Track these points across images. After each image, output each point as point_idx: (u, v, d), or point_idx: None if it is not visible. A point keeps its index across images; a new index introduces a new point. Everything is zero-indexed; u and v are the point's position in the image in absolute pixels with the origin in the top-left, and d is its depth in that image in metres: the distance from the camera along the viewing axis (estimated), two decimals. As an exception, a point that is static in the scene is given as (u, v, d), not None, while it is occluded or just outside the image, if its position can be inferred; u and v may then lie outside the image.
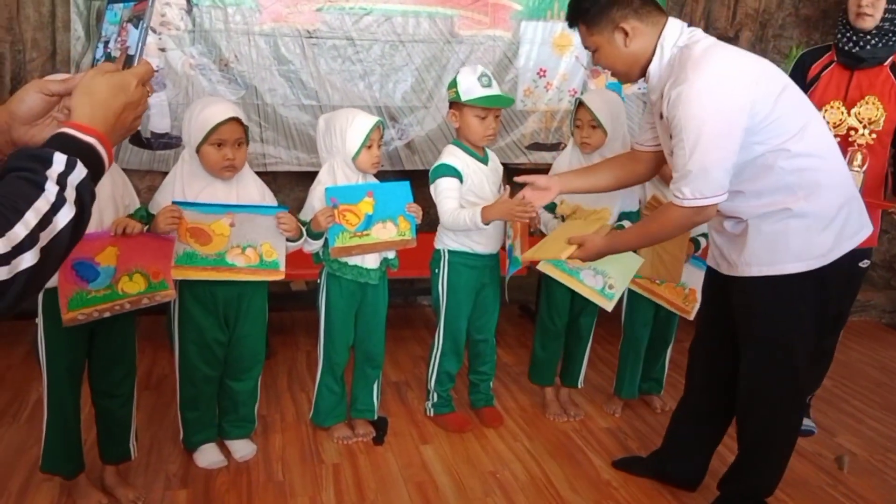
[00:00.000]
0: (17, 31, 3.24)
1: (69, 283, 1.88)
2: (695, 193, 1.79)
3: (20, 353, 3.10)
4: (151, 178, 3.25)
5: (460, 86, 2.38)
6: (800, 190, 1.82)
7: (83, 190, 0.87)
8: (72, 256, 1.84)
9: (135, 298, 2.00)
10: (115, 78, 0.98)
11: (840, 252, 1.88)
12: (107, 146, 0.93)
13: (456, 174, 2.43)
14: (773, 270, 1.88)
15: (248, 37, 3.28)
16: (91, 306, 1.93)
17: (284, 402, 2.82)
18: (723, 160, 1.76)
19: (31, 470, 2.23)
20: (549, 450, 2.56)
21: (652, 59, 1.87)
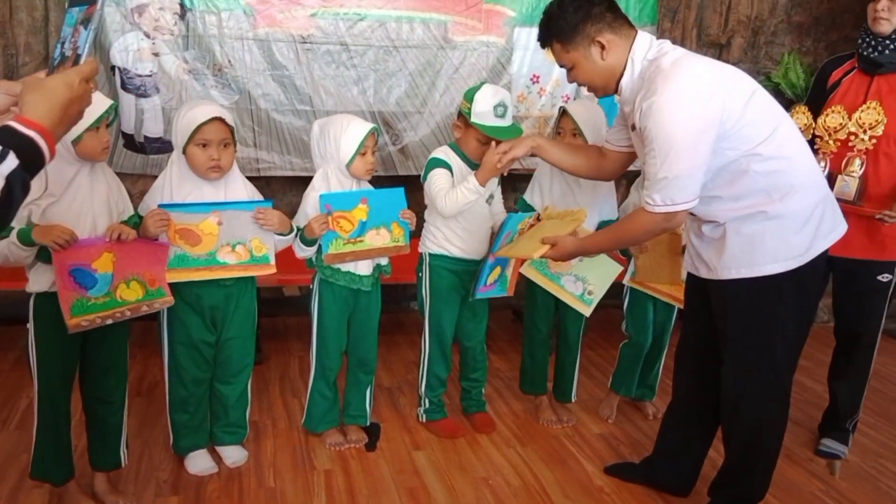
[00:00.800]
0: (9, 35, 3.23)
1: (68, 290, 1.88)
2: (665, 200, 1.83)
3: (10, 358, 3.09)
4: (144, 182, 3.24)
5: (475, 105, 2.35)
6: (774, 192, 1.84)
7: (13, 179, 0.94)
8: (69, 262, 1.86)
9: (134, 306, 2.00)
10: (61, 76, 1.09)
11: (816, 251, 1.90)
12: (48, 139, 1.02)
13: (446, 166, 2.45)
14: (751, 272, 1.89)
15: (241, 42, 3.28)
16: (93, 313, 1.93)
17: (276, 408, 2.81)
18: (693, 169, 1.79)
19: (21, 476, 2.22)
20: (542, 456, 2.56)
21: (624, 72, 1.90)
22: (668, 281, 2.65)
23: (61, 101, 1.05)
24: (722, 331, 2.02)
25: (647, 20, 3.71)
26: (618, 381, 2.86)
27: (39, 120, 1.02)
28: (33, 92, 1.05)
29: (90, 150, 1.88)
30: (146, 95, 3.22)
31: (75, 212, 1.90)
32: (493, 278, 2.54)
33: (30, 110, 1.03)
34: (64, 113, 1.06)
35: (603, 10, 1.89)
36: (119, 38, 3.13)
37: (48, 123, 1.03)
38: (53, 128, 1.03)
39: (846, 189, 2.42)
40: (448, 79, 3.53)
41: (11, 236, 1.82)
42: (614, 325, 2.88)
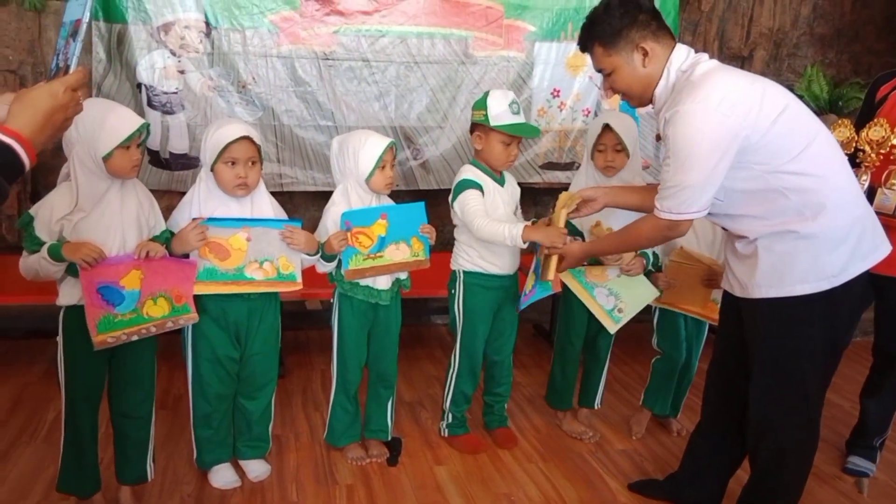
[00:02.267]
0: (38, 53, 3.30)
1: (96, 307, 1.91)
2: (671, 209, 1.84)
3: (38, 371, 3.13)
4: (170, 198, 3.27)
5: (490, 110, 2.38)
6: (806, 210, 1.80)
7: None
8: (97, 280, 1.89)
9: (160, 322, 2.03)
10: (46, 86, 1.16)
11: (853, 273, 1.83)
12: (26, 146, 1.09)
13: (478, 186, 2.44)
14: (780, 292, 1.85)
15: (265, 59, 3.32)
16: (119, 329, 1.95)
17: (299, 422, 2.82)
18: (705, 180, 1.78)
19: (48, 489, 2.24)
20: (564, 472, 2.54)
21: (659, 81, 1.90)
22: (690, 305, 2.64)
23: (43, 110, 1.12)
24: (751, 350, 1.99)
25: (669, 34, 3.70)
26: (650, 397, 2.82)
27: (19, 129, 1.08)
28: (17, 102, 1.13)
29: (120, 167, 1.92)
30: (172, 112, 3.27)
31: (104, 227, 1.93)
32: (528, 286, 2.50)
33: (11, 119, 1.10)
34: (46, 121, 1.12)
35: (648, 18, 1.89)
36: (145, 55, 3.18)
37: (28, 132, 1.09)
38: (33, 135, 1.10)
39: (886, 202, 2.37)
40: (469, 94, 3.54)
41: (42, 251, 1.86)
42: (639, 341, 2.86)
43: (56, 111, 1.14)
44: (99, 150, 1.87)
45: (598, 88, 3.68)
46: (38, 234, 1.89)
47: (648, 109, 3.71)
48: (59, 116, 1.15)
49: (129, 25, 3.14)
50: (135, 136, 1.92)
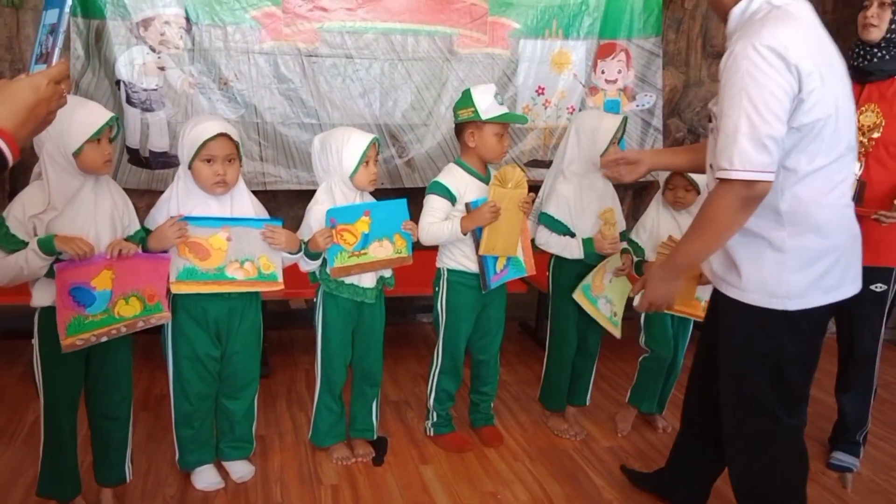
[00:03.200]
0: (16, 49, 3.25)
1: (67, 310, 1.87)
2: (743, 163, 1.57)
3: (17, 372, 3.08)
4: (150, 197, 3.23)
5: (479, 105, 2.38)
6: (789, 225, 1.69)
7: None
8: (70, 281, 1.86)
9: (130, 322, 1.99)
10: (28, 79, 1.14)
11: (811, 303, 1.72)
12: (7, 139, 1.07)
13: (447, 195, 2.45)
14: (742, 296, 1.77)
15: (247, 55, 3.29)
16: (89, 331, 1.92)
17: (283, 422, 2.80)
18: (771, 128, 1.56)
19: (28, 493, 2.20)
20: (551, 469, 2.54)
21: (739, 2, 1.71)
22: (679, 304, 2.63)
23: (25, 103, 1.10)
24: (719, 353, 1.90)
25: (652, 31, 3.72)
26: (637, 395, 2.82)
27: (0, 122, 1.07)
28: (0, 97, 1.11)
29: (91, 162, 1.87)
30: (151, 110, 3.22)
31: (78, 226, 1.89)
32: (500, 265, 2.52)
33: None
34: (28, 114, 1.10)
35: None
36: (124, 52, 3.13)
37: (10, 125, 1.08)
38: (15, 129, 1.08)
39: None
40: (454, 91, 3.53)
41: (32, 244, 1.82)
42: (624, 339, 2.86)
43: (39, 104, 1.12)
44: (69, 146, 1.83)
45: (583, 86, 3.68)
46: (14, 232, 1.85)
47: (632, 107, 3.75)
48: (41, 110, 1.13)
49: (107, 21, 3.09)
50: (104, 130, 1.87)
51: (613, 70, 3.71)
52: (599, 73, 3.70)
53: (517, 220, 2.47)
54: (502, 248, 2.47)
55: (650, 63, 3.75)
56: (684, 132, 4.10)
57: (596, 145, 2.56)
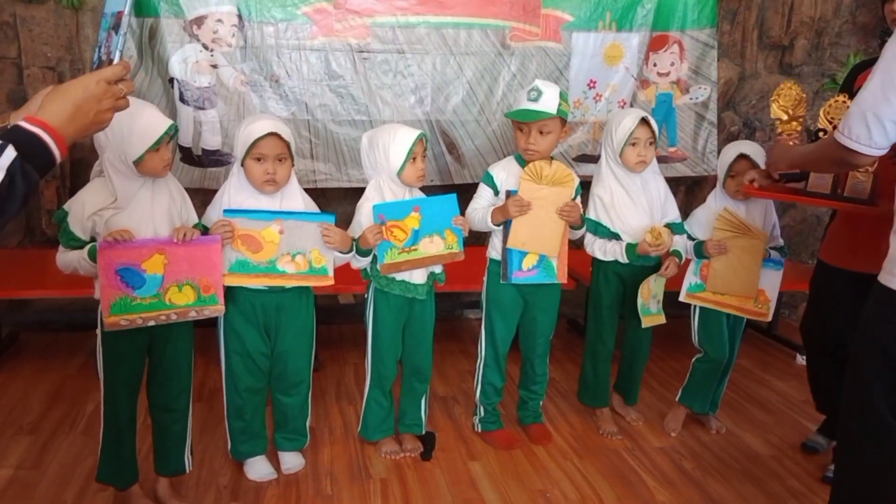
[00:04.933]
0: (76, 50, 3.35)
1: (112, 289, 1.90)
2: (844, 130, 1.61)
3: (77, 363, 3.18)
4: (203, 195, 3.29)
5: (516, 100, 2.41)
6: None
7: (13, 170, 1.03)
8: (117, 261, 1.89)
9: (182, 310, 2.02)
10: (80, 78, 1.16)
11: None
12: (53, 134, 1.09)
13: (491, 184, 2.50)
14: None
15: (299, 52, 3.31)
16: (135, 313, 1.94)
17: (333, 416, 2.82)
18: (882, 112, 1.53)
19: (87, 479, 2.27)
20: (601, 469, 2.50)
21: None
22: (739, 292, 2.57)
23: (73, 101, 1.12)
24: None
25: (707, 22, 3.62)
26: (689, 395, 2.76)
27: (46, 118, 1.09)
28: (49, 94, 1.14)
29: (152, 168, 1.93)
30: (204, 108, 3.27)
31: (136, 222, 1.94)
32: (529, 264, 2.48)
33: (40, 110, 1.11)
34: (76, 111, 1.12)
35: None
36: (178, 50, 3.18)
37: (55, 121, 1.10)
38: (61, 126, 1.10)
39: (859, 187, 2.16)
40: (506, 85, 3.50)
41: (83, 252, 1.89)
42: (675, 336, 2.80)
43: (87, 102, 1.13)
44: (129, 155, 1.87)
45: (635, 79, 3.61)
46: (73, 229, 1.91)
47: (686, 100, 3.66)
48: (90, 107, 1.14)
49: (161, 19, 3.14)
50: (164, 139, 1.91)
51: (666, 63, 3.63)
52: (651, 66, 3.63)
53: (550, 220, 2.42)
54: (531, 245, 2.43)
55: (704, 55, 3.65)
56: (739, 126, 3.99)
57: (615, 143, 2.55)
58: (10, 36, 3.28)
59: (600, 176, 2.63)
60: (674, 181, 3.64)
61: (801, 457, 2.61)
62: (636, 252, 2.52)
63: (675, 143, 3.73)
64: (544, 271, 2.50)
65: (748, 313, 2.62)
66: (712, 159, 3.70)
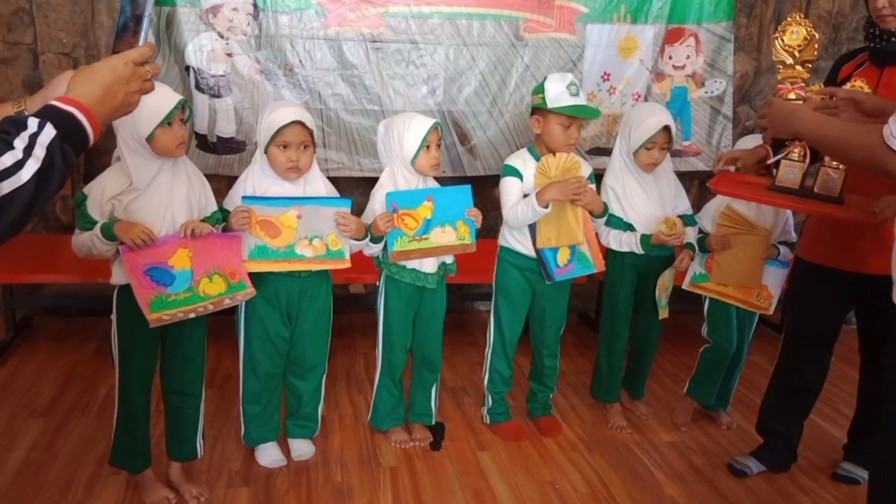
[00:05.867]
0: (91, 37, 3.35)
1: (145, 289, 1.92)
2: (894, 131, 1.41)
3: (90, 348, 3.20)
4: (217, 181, 3.29)
5: (548, 93, 2.35)
6: None
7: (52, 148, 1.01)
8: (144, 262, 1.90)
9: (217, 299, 2.04)
10: (106, 59, 1.14)
11: None
12: (88, 114, 1.08)
13: (516, 173, 2.44)
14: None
15: (312, 41, 3.31)
16: (174, 308, 1.96)
17: (343, 404, 2.84)
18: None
19: (100, 463, 2.30)
20: (610, 462, 2.50)
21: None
22: (739, 281, 2.57)
23: (102, 82, 1.10)
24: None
25: (723, 15, 3.59)
26: (695, 386, 2.75)
27: (79, 98, 1.08)
28: (77, 76, 1.12)
29: (165, 146, 1.91)
30: (219, 96, 3.28)
31: (154, 207, 1.95)
32: (563, 259, 2.47)
33: (70, 91, 1.09)
34: (105, 92, 1.10)
35: None
36: (194, 38, 3.19)
37: (87, 101, 1.08)
38: (92, 105, 1.09)
39: (790, 175, 2.07)
40: (519, 77, 3.49)
41: (95, 230, 1.88)
42: (684, 330, 2.80)
43: (116, 83, 1.12)
44: (141, 132, 1.87)
45: (649, 72, 3.59)
46: (90, 212, 1.91)
47: (700, 94, 3.64)
48: (119, 89, 1.12)
49: (178, 8, 3.15)
50: (175, 113, 1.90)
51: (682, 55, 3.60)
52: (667, 59, 3.60)
53: (567, 209, 2.41)
54: (556, 239, 2.43)
55: (720, 48, 3.63)
56: (754, 120, 3.96)
57: (631, 141, 2.53)
58: (26, 22, 3.29)
59: (613, 167, 2.62)
60: (688, 175, 3.62)
61: (811, 453, 2.60)
62: (651, 242, 2.52)
63: (689, 137, 3.71)
64: (580, 263, 2.50)
65: (749, 305, 2.61)
66: (727, 154, 3.67)
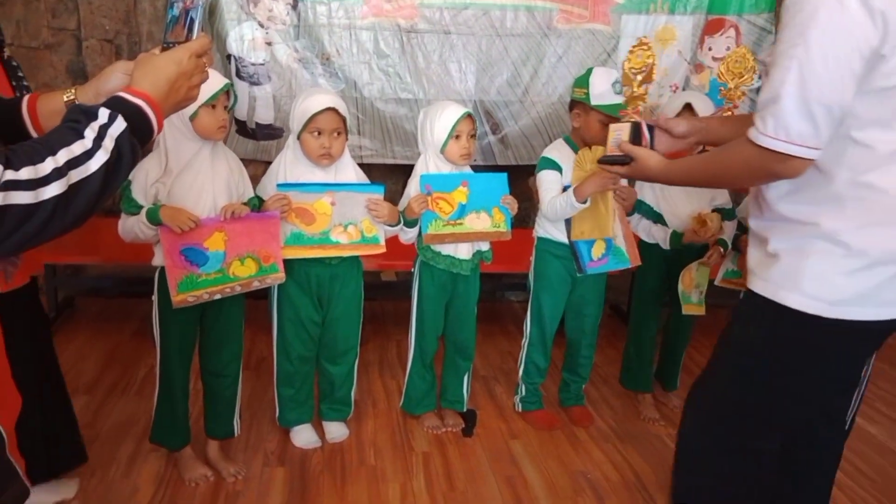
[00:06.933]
0: (133, 23, 3.41)
1: (178, 269, 1.96)
2: (778, 131, 1.26)
3: (130, 329, 3.27)
4: (255, 167, 3.35)
5: (592, 88, 2.33)
6: (853, 215, 1.32)
7: (121, 141, 1.00)
8: (181, 243, 1.95)
9: (245, 281, 2.07)
10: (170, 53, 1.11)
11: (857, 314, 1.34)
12: (155, 108, 1.06)
13: (554, 166, 2.43)
14: (768, 291, 1.41)
15: (349, 31, 3.34)
16: (201, 289, 2.00)
17: (376, 390, 2.87)
18: (824, 97, 1.22)
19: (140, 440, 2.35)
20: (643, 454, 2.49)
21: None
22: None
23: (167, 76, 1.08)
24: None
25: (765, 6, 3.53)
26: None
27: (146, 91, 1.06)
28: (141, 67, 1.10)
29: (206, 127, 1.94)
30: (258, 83, 3.33)
31: (197, 190, 1.98)
32: (598, 253, 2.47)
33: (135, 82, 1.08)
34: (170, 87, 1.09)
35: None
36: (235, 27, 3.24)
37: (154, 94, 1.06)
38: (159, 99, 1.07)
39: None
40: (551, 68, 3.48)
41: (140, 215, 1.92)
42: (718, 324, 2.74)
43: (180, 78, 1.10)
44: (185, 110, 1.89)
45: (688, 63, 3.56)
46: (135, 196, 1.95)
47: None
48: (182, 83, 1.11)
49: (220, -3, 3.20)
50: (219, 96, 1.93)
51: (721, 47, 3.56)
52: (706, 50, 3.56)
53: (600, 201, 2.39)
54: (589, 233, 2.41)
55: (761, 40, 3.57)
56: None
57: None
58: (70, 8, 3.36)
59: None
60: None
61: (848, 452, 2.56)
62: (681, 241, 2.50)
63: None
64: (615, 257, 2.49)
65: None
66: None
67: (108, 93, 1.14)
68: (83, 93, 1.21)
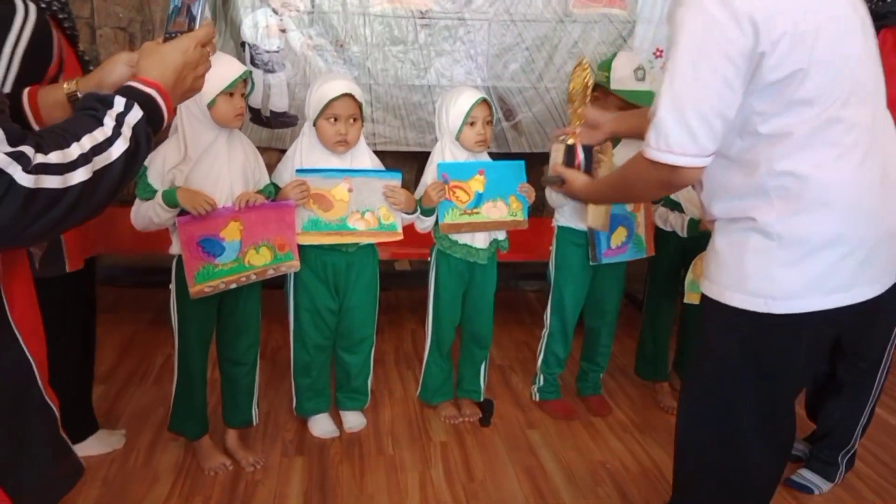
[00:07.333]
0: (147, 11, 3.39)
1: (196, 260, 1.95)
2: (659, 143, 1.30)
3: (147, 318, 3.28)
4: (269, 155, 3.33)
5: (614, 73, 2.31)
6: (780, 204, 1.31)
7: (138, 129, 1.00)
8: (199, 234, 1.94)
9: (261, 270, 2.07)
10: (176, 42, 1.11)
11: (803, 307, 1.33)
12: (165, 98, 1.06)
13: None
14: (714, 292, 1.42)
15: (363, 17, 3.31)
16: (218, 279, 1.99)
17: (392, 380, 2.86)
18: (700, 106, 1.26)
19: (159, 429, 2.36)
20: (662, 444, 2.47)
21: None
22: None
23: (174, 66, 1.08)
24: None
25: None
26: None
27: (155, 80, 1.06)
28: (148, 57, 1.09)
29: (224, 114, 1.93)
30: (273, 71, 3.31)
31: (214, 177, 1.97)
32: (618, 241, 2.45)
33: (143, 72, 1.07)
34: (177, 76, 1.09)
35: None
36: (249, 14, 3.22)
37: (163, 83, 1.07)
38: (168, 88, 1.07)
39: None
40: (566, 53, 3.44)
41: (157, 197, 1.91)
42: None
43: (186, 68, 1.10)
44: (203, 97, 1.89)
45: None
46: (151, 181, 1.94)
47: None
48: (188, 73, 1.11)
49: (234, -17, 3.18)
50: (238, 84, 1.92)
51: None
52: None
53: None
54: (603, 224, 2.37)
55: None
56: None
57: None
58: (83, -4, 3.34)
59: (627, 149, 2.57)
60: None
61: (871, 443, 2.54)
62: (699, 228, 2.47)
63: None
64: (634, 246, 2.47)
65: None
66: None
67: (112, 84, 1.13)
68: (86, 83, 1.20)
